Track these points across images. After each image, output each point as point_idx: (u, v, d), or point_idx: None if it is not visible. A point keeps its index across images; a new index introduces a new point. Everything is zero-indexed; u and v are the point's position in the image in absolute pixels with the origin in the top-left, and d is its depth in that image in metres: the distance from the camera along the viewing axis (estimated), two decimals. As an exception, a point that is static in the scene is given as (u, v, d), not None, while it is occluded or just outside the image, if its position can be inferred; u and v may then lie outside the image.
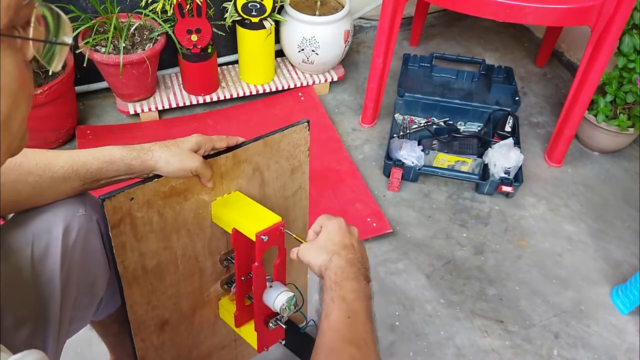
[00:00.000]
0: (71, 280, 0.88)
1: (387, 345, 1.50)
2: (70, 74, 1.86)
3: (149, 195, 0.88)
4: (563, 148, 2.01)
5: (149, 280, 0.96)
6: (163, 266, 0.97)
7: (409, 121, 2.15)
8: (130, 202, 0.86)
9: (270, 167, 1.07)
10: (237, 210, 0.98)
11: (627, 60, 1.88)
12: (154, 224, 0.91)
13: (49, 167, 0.83)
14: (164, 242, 0.95)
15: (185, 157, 0.89)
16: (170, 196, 0.92)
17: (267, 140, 1.03)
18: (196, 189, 0.95)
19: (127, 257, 0.90)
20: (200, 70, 2.05)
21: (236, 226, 0.96)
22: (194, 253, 1.02)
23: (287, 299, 0.97)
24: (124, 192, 0.84)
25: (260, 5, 1.97)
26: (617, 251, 1.79)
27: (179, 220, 0.95)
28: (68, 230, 0.86)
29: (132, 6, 1.98)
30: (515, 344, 1.53)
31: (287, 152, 1.08)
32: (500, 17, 1.62)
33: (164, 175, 0.89)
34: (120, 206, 0.85)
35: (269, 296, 0.98)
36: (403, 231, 1.80)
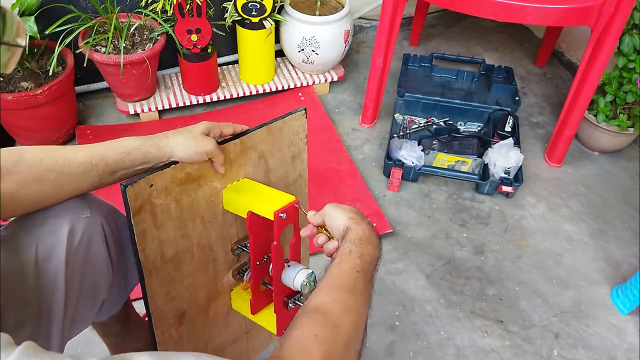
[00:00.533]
0: (74, 282, 0.88)
1: (387, 345, 1.50)
2: (70, 74, 1.86)
3: (166, 181, 0.89)
4: (563, 148, 2.01)
5: (168, 270, 0.96)
6: (180, 255, 0.97)
7: (409, 121, 2.15)
8: (150, 189, 0.87)
9: (274, 155, 1.09)
10: (250, 194, 1.00)
11: (627, 60, 1.88)
12: (171, 212, 0.92)
13: (68, 163, 0.83)
14: (181, 230, 0.95)
15: (200, 141, 0.90)
16: (186, 183, 0.93)
17: (270, 128, 1.05)
18: (209, 175, 0.97)
19: (147, 246, 0.90)
20: (200, 70, 2.05)
21: (252, 209, 0.97)
22: (208, 242, 1.02)
23: (307, 275, 0.98)
24: (144, 179, 0.85)
25: (260, 5, 1.97)
26: (617, 251, 1.79)
27: (194, 207, 0.96)
28: (73, 233, 0.86)
29: (132, 6, 1.98)
30: (515, 344, 1.53)
31: (288, 140, 1.11)
32: (500, 17, 1.62)
33: (181, 161, 0.90)
34: (141, 192, 0.85)
35: (288, 275, 0.99)
36: (403, 231, 1.80)
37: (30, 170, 0.81)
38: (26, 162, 0.80)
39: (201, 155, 0.91)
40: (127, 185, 0.83)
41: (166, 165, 0.89)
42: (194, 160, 0.91)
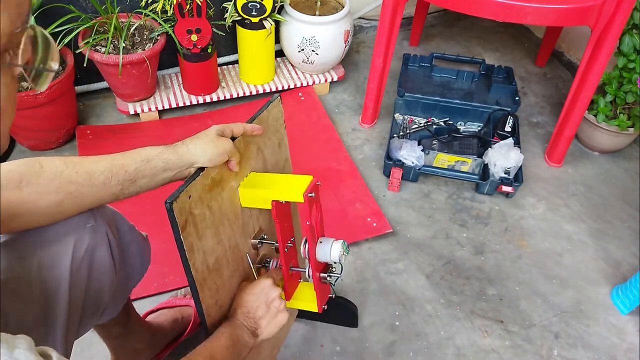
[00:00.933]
0: (78, 290, 0.88)
1: (387, 345, 1.50)
2: (70, 74, 1.86)
3: (199, 190, 0.90)
4: (563, 148, 2.01)
5: (213, 279, 0.98)
6: (219, 261, 0.99)
7: (409, 121, 2.15)
8: (189, 201, 0.88)
9: (266, 144, 1.11)
10: (267, 185, 1.02)
11: (627, 60, 1.88)
12: (207, 220, 0.93)
13: (89, 174, 0.84)
14: (216, 237, 0.97)
15: (218, 142, 0.93)
16: (212, 188, 0.94)
17: (260, 119, 1.07)
18: (227, 177, 0.98)
19: (195, 259, 0.91)
20: (200, 70, 2.05)
21: (277, 197, 0.99)
22: (235, 242, 1.04)
23: (341, 244, 1.03)
24: (183, 192, 0.86)
25: (260, 5, 1.97)
26: (617, 251, 1.79)
27: (222, 211, 0.98)
28: (78, 242, 0.86)
29: (132, 6, 1.98)
30: (515, 344, 1.53)
31: (273, 128, 1.13)
32: (500, 17, 1.62)
33: (203, 165, 0.92)
34: (184, 206, 0.86)
35: (323, 251, 1.03)
36: (403, 231, 1.80)
37: (51, 183, 0.81)
38: (46, 174, 0.80)
39: (222, 155, 0.93)
40: (172, 202, 0.83)
41: (195, 175, 0.90)
42: (216, 163, 0.93)
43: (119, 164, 0.86)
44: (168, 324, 1.41)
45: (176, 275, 1.59)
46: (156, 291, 1.56)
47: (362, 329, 1.53)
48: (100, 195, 0.86)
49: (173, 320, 1.42)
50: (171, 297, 1.54)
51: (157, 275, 1.59)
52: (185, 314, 1.46)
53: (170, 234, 1.55)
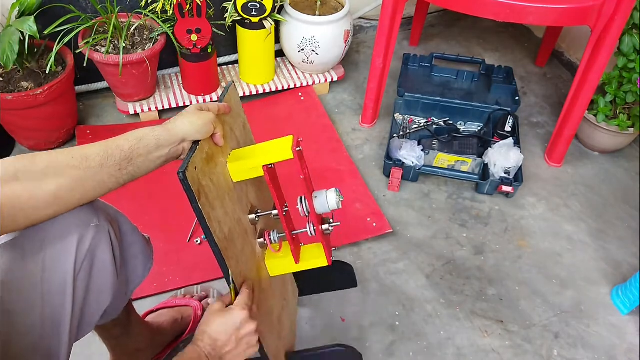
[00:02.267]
0: (80, 291, 0.88)
1: (387, 345, 1.50)
2: (70, 74, 1.86)
3: (201, 163, 0.92)
4: (563, 148, 2.01)
5: (232, 249, 0.99)
6: (232, 232, 1.01)
7: (409, 121, 2.14)
8: (196, 172, 0.89)
9: (236, 126, 1.13)
10: (252, 155, 1.03)
11: (627, 60, 1.88)
12: (213, 191, 0.95)
13: (85, 157, 0.83)
14: (224, 208, 0.98)
15: (201, 114, 0.95)
16: (209, 162, 0.95)
17: (226, 100, 1.08)
18: (216, 152, 0.99)
19: (215, 229, 0.92)
20: (200, 70, 2.05)
21: (266, 162, 1.00)
22: (238, 216, 1.05)
23: (335, 192, 1.05)
24: (189, 163, 0.87)
25: (260, 5, 1.97)
26: (617, 251, 1.79)
27: (222, 185, 0.99)
28: (82, 242, 0.86)
29: (132, 6, 1.98)
30: (515, 344, 1.53)
31: (235, 111, 1.14)
32: (500, 17, 1.62)
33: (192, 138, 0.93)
34: (193, 177, 0.88)
35: (320, 202, 1.05)
36: (403, 231, 1.80)
37: (47, 169, 0.80)
38: (41, 162, 0.80)
39: (208, 125, 0.94)
40: (184, 171, 0.85)
41: (194, 147, 0.92)
42: (204, 134, 0.94)
43: (113, 145, 0.86)
44: (168, 324, 1.41)
45: (176, 276, 1.59)
46: (156, 291, 1.56)
47: (362, 329, 1.53)
48: (99, 177, 0.85)
49: (173, 321, 1.42)
50: (171, 297, 1.54)
51: (157, 275, 1.59)
52: (185, 314, 1.46)
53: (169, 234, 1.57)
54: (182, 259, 1.64)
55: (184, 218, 1.73)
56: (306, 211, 1.05)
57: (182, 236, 1.69)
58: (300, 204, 1.05)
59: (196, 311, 1.47)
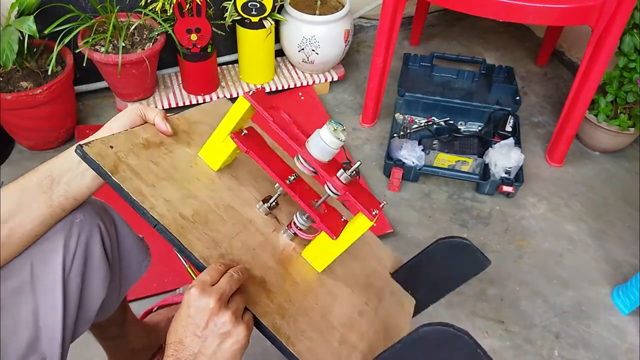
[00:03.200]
0: (74, 287, 0.87)
1: (388, 346, 1.49)
2: (70, 73, 1.85)
3: (127, 145, 0.84)
4: (564, 148, 2.01)
5: (201, 229, 0.84)
6: (203, 215, 0.87)
7: (409, 121, 2.14)
8: (113, 150, 0.80)
9: None
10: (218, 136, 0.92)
11: (628, 60, 1.87)
12: (156, 172, 0.85)
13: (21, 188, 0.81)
14: (182, 191, 0.86)
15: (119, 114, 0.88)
16: (151, 147, 0.87)
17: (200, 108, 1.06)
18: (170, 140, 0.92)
19: (153, 205, 0.80)
20: (200, 70, 2.05)
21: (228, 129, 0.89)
22: (225, 202, 0.92)
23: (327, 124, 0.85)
24: (98, 140, 0.80)
25: (260, 4, 1.97)
26: (617, 251, 1.78)
27: (179, 170, 0.89)
28: (68, 238, 0.85)
29: (132, 5, 1.98)
30: (516, 345, 1.52)
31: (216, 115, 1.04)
32: (501, 17, 1.62)
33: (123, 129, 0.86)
34: (106, 152, 0.79)
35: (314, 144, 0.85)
36: (403, 231, 1.79)
37: None
38: None
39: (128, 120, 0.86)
40: (83, 145, 0.76)
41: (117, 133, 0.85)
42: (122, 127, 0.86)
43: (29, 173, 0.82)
44: (164, 324, 1.40)
45: (175, 276, 1.59)
46: (156, 291, 1.56)
47: (362, 330, 1.52)
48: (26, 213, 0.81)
49: (169, 319, 1.41)
50: (171, 295, 1.53)
51: (157, 275, 1.58)
52: None
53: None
54: (182, 259, 1.64)
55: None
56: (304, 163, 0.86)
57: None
58: (297, 160, 0.87)
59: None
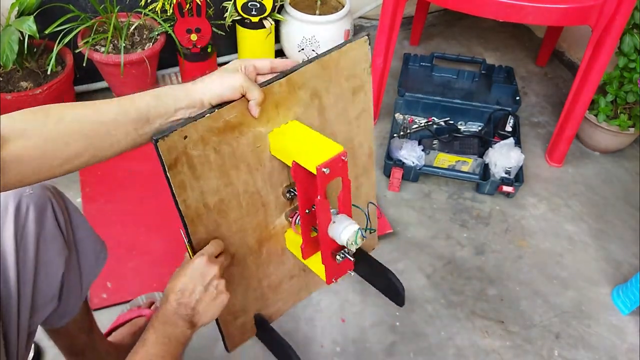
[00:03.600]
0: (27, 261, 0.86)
1: (387, 346, 1.49)
2: (70, 73, 1.85)
3: (202, 131, 0.85)
4: (564, 148, 2.00)
5: (213, 218, 0.95)
6: (226, 202, 0.95)
7: (409, 121, 2.14)
8: (184, 141, 0.83)
9: (330, 91, 1.01)
10: (295, 141, 0.94)
11: (628, 60, 1.87)
12: (211, 162, 0.89)
13: (98, 111, 0.77)
14: (223, 179, 0.92)
15: (225, 77, 0.84)
16: (224, 132, 0.88)
17: (323, 61, 0.96)
18: (251, 121, 0.91)
19: (188, 196, 0.89)
20: (200, 70, 2.05)
21: (296, 159, 0.92)
22: (255, 188, 0.99)
23: (353, 232, 0.94)
24: (177, 131, 0.81)
25: (260, 4, 1.97)
26: (618, 251, 1.78)
27: (237, 155, 0.92)
28: (20, 207, 0.84)
29: (132, 6, 1.98)
30: (516, 345, 1.52)
31: (347, 72, 1.02)
32: (501, 17, 1.62)
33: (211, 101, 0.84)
34: (175, 145, 0.82)
35: (334, 230, 0.95)
36: (403, 231, 1.79)
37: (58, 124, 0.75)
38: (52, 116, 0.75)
39: (228, 91, 0.84)
40: (158, 139, 0.79)
41: (201, 115, 0.84)
42: (223, 99, 0.84)
43: (128, 101, 0.80)
44: (129, 339, 1.37)
45: (176, 276, 1.59)
46: (155, 291, 1.56)
47: (362, 329, 1.52)
48: (114, 134, 0.78)
49: (132, 334, 1.39)
50: (118, 316, 1.48)
51: (157, 275, 1.58)
52: (140, 324, 1.42)
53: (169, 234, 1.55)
54: (182, 259, 1.63)
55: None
56: None
57: (181, 236, 1.69)
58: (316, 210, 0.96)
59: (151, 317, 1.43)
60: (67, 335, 1.14)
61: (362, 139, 1.14)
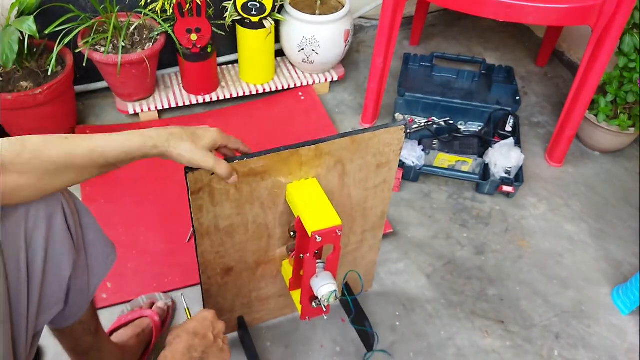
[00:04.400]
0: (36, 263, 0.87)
1: (388, 346, 1.49)
2: (70, 73, 1.85)
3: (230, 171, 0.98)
4: (564, 148, 2.00)
5: (220, 236, 1.12)
6: (235, 227, 1.12)
7: (409, 121, 2.14)
8: (210, 177, 0.99)
9: (354, 161, 1.12)
10: (305, 200, 1.06)
11: (628, 60, 1.87)
12: (230, 195, 1.04)
13: (69, 158, 0.83)
14: (237, 210, 1.08)
15: (197, 155, 0.91)
16: (248, 175, 1.02)
17: (355, 138, 1.07)
18: (275, 172, 1.04)
19: (202, 217, 1.05)
20: (200, 70, 2.05)
21: (300, 216, 1.06)
22: (264, 221, 1.14)
23: (328, 292, 1.09)
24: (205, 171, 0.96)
25: (260, 4, 1.97)
26: (618, 251, 1.78)
27: (254, 195, 1.06)
28: (29, 211, 0.85)
29: (132, 6, 1.98)
30: (516, 345, 1.52)
31: (376, 150, 1.12)
32: (501, 17, 1.62)
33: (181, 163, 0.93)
34: (202, 179, 0.98)
35: (314, 283, 1.10)
36: (403, 231, 1.79)
37: (30, 162, 0.80)
38: (26, 153, 0.80)
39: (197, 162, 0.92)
40: (188, 172, 0.95)
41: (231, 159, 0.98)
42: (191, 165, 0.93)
43: (98, 152, 0.85)
44: (133, 340, 1.37)
45: (175, 276, 1.59)
46: (156, 291, 1.56)
47: (363, 330, 1.53)
48: (77, 175, 0.86)
49: (136, 335, 1.39)
50: (119, 317, 1.48)
51: (157, 275, 1.58)
52: (144, 325, 1.42)
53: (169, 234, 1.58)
54: (182, 259, 1.63)
55: (184, 219, 1.72)
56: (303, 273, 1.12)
57: (182, 237, 1.69)
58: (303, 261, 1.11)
59: (153, 317, 1.43)
60: (72, 336, 1.14)
61: (377, 203, 1.28)
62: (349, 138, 1.06)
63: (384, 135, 1.10)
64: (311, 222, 1.02)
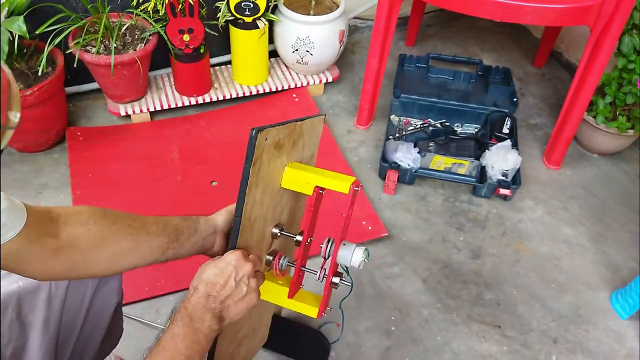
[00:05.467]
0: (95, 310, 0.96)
1: (383, 351, 1.47)
2: (60, 74, 1.83)
3: (273, 140, 0.90)
4: (562, 150, 1.99)
5: (248, 233, 0.95)
6: (256, 221, 0.97)
7: (405, 123, 2.12)
8: (264, 142, 0.88)
9: (307, 146, 1.09)
10: (315, 172, 1.00)
11: (627, 61, 1.86)
12: (263, 172, 0.92)
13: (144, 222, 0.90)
14: (260, 195, 0.95)
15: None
16: (277, 147, 0.93)
17: (313, 121, 1.06)
18: (285, 147, 0.97)
19: (248, 202, 0.90)
20: (192, 71, 2.03)
21: (322, 184, 0.98)
22: (266, 215, 1.01)
23: (364, 251, 1.00)
24: (265, 130, 0.86)
25: (254, 4, 1.94)
26: (616, 255, 1.76)
27: (270, 175, 0.96)
28: None
29: (123, 6, 1.95)
30: (513, 350, 1.50)
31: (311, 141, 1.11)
32: (497, 17, 1.60)
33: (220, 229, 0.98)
34: (260, 143, 0.87)
35: (344, 253, 1.00)
36: (399, 235, 1.77)
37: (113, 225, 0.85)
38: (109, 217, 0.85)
39: None
40: (259, 130, 0.84)
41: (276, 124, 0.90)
42: None
43: (164, 218, 0.92)
44: None
45: (167, 280, 1.57)
46: (147, 295, 1.54)
47: (358, 334, 1.50)
48: (152, 243, 0.90)
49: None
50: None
51: (149, 279, 1.56)
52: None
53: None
54: (175, 263, 1.60)
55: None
56: (328, 254, 1.00)
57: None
58: (325, 244, 1.00)
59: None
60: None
61: None
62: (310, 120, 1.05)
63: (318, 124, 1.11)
64: (340, 181, 0.97)
